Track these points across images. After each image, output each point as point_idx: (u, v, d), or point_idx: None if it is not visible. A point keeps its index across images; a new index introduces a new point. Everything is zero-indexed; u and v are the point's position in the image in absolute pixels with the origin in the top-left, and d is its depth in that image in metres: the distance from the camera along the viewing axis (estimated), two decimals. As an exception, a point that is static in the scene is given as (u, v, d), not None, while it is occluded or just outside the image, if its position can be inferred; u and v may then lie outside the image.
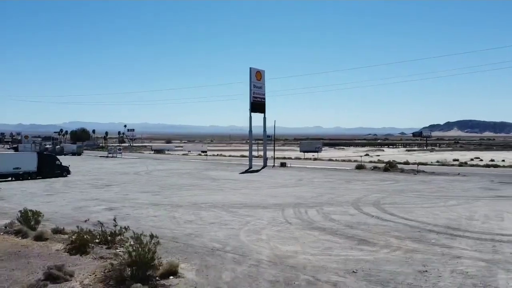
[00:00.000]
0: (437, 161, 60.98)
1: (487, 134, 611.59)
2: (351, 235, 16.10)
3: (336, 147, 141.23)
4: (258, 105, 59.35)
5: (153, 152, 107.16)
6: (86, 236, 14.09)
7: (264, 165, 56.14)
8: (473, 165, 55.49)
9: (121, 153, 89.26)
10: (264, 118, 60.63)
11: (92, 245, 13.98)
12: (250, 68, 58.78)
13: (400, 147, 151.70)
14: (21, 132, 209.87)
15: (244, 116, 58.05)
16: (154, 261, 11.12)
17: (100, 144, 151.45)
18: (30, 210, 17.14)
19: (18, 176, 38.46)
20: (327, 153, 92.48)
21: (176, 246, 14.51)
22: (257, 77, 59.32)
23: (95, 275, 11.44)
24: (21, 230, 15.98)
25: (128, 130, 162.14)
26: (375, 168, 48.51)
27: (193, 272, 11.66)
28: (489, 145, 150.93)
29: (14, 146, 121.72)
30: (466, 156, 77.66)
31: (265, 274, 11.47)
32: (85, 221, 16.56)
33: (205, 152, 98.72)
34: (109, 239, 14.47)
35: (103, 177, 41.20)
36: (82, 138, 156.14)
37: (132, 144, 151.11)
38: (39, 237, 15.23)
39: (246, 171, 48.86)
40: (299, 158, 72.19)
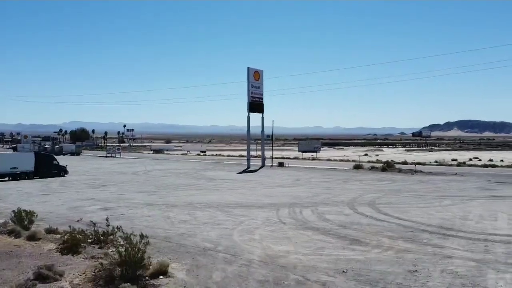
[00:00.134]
0: (435, 161, 60.96)
1: (487, 134, 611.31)
2: (343, 235, 16.10)
3: (336, 147, 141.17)
4: (256, 105, 59.34)
5: (152, 152, 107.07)
6: (78, 236, 14.12)
7: (262, 165, 56.15)
8: (471, 165, 55.43)
9: (119, 153, 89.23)
10: (262, 118, 60.68)
11: (84, 245, 14.00)
12: (248, 68, 58.76)
13: (399, 147, 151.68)
14: (20, 132, 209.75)
15: (244, 116, 58.11)
16: (144, 261, 11.14)
17: (99, 144, 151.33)
18: (23, 210, 17.16)
19: (15, 176, 38.48)
20: (326, 153, 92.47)
21: (168, 246, 14.51)
22: (255, 77, 59.29)
23: (86, 274, 11.45)
24: (14, 230, 16.00)
25: (127, 130, 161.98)
26: (372, 168, 48.50)
27: (183, 272, 11.67)
28: (489, 145, 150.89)
29: (13, 146, 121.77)
30: (465, 156, 77.62)
31: (255, 274, 11.48)
32: (78, 221, 16.57)
33: (204, 152, 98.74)
34: (102, 239, 14.48)
35: (100, 177, 41.20)
36: (82, 138, 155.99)
37: (131, 144, 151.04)
38: (32, 237, 15.25)
39: (243, 171, 48.85)
40: (298, 158, 72.17)
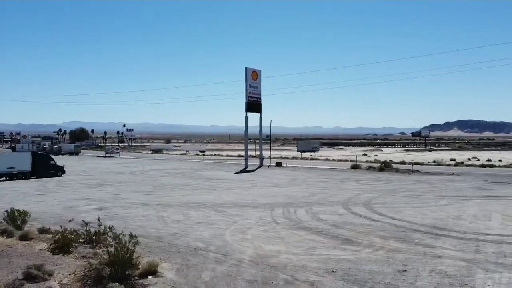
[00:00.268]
0: (433, 161, 60.93)
1: (487, 134, 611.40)
2: (336, 234, 16.11)
3: (335, 147, 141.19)
4: (254, 105, 59.33)
5: (151, 152, 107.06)
6: (70, 236, 14.13)
7: (260, 165, 56.13)
8: (469, 165, 55.42)
9: (118, 152, 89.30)
10: (260, 118, 60.67)
11: (76, 244, 14.01)
12: (246, 68, 58.74)
13: (399, 147, 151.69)
14: (20, 132, 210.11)
15: (244, 116, 58.20)
16: (133, 261, 11.14)
17: (99, 144, 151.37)
18: (16, 210, 17.17)
19: (12, 175, 38.49)
20: (325, 152, 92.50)
21: (160, 246, 14.52)
22: (253, 77, 59.27)
23: (75, 274, 11.47)
24: (7, 229, 16.01)
25: (127, 130, 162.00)
26: (370, 168, 48.48)
27: (173, 272, 11.68)
28: (488, 145, 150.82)
29: (12, 146, 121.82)
30: (463, 156, 77.58)
31: (244, 273, 11.48)
32: (70, 221, 16.59)
33: (203, 152, 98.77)
34: (94, 238, 14.49)
35: (97, 177, 41.21)
36: (81, 138, 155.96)
37: (130, 144, 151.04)
38: (24, 237, 15.25)
39: (241, 171, 48.85)
40: (296, 158, 72.18)
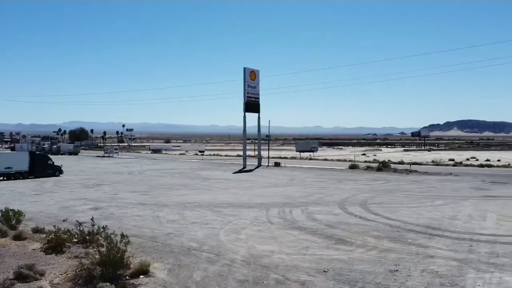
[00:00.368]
0: (432, 161, 60.93)
1: (487, 134, 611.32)
2: (330, 234, 16.11)
3: (335, 147, 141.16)
4: (252, 105, 59.33)
5: (151, 152, 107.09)
6: (63, 236, 14.13)
7: (258, 165, 56.14)
8: (467, 165, 55.43)
9: (117, 152, 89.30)
10: (258, 118, 60.70)
11: (69, 244, 14.01)
12: (244, 68, 58.73)
13: (398, 146, 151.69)
14: (20, 132, 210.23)
15: (242, 116, 58.29)
16: (124, 260, 11.15)
17: (98, 144, 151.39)
18: (11, 210, 17.18)
19: (10, 175, 38.48)
20: (324, 152, 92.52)
21: (153, 246, 14.53)
22: (251, 77, 59.26)
23: (67, 274, 11.47)
24: (1, 229, 15.96)
25: (127, 130, 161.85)
26: (368, 168, 48.48)
27: (165, 272, 11.68)
28: (487, 145, 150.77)
29: (11, 145, 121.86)
30: (462, 156, 77.57)
31: (236, 273, 11.48)
32: (64, 221, 16.59)
33: (203, 152, 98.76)
34: (88, 238, 14.49)
35: (95, 177, 41.22)
36: (81, 138, 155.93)
37: (130, 144, 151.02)
38: (18, 237, 15.26)
39: (239, 171, 48.87)
40: (295, 158, 72.18)
